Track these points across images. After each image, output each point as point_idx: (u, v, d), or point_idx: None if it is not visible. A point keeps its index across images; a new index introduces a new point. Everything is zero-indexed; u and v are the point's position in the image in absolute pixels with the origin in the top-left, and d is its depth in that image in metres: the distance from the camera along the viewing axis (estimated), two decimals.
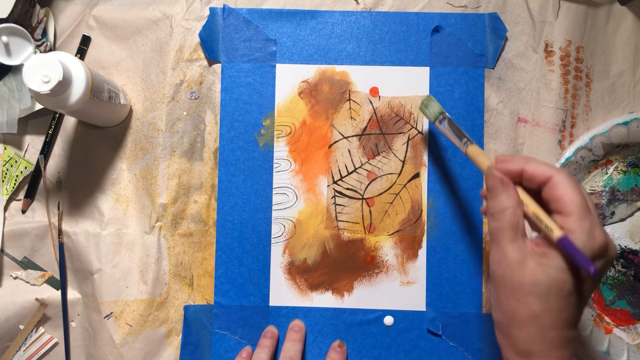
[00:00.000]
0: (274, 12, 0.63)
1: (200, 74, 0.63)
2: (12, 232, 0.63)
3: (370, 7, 0.63)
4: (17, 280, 0.63)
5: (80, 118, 0.60)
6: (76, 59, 0.53)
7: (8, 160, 0.63)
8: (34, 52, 0.51)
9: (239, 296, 0.62)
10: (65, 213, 0.63)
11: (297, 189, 0.62)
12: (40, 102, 0.52)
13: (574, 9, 0.62)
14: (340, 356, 0.60)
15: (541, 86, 0.63)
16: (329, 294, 0.62)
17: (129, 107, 0.63)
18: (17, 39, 0.49)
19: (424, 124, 0.62)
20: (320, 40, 0.63)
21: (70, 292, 0.62)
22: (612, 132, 0.60)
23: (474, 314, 0.61)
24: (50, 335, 0.62)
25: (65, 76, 0.49)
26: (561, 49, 0.62)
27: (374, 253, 0.62)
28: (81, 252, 0.62)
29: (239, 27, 0.63)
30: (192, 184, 0.63)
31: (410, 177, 0.62)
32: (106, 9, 0.64)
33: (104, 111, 0.59)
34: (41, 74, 0.48)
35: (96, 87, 0.54)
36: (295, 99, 0.63)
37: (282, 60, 0.63)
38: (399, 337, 0.61)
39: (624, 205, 0.62)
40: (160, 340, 0.62)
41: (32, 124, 0.64)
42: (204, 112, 0.63)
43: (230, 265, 0.62)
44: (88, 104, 0.53)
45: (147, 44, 0.64)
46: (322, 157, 0.62)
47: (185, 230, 0.63)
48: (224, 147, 0.62)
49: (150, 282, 0.62)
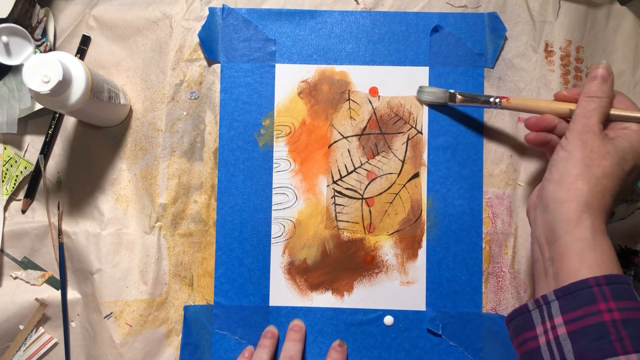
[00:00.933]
0: (273, 12, 0.63)
1: (200, 74, 0.63)
2: (12, 232, 0.63)
3: (370, 7, 0.63)
4: (17, 280, 0.63)
5: (80, 118, 0.61)
6: (76, 59, 0.53)
7: (8, 160, 0.63)
8: (34, 52, 0.51)
9: (239, 296, 0.62)
10: (65, 213, 0.63)
11: (296, 189, 0.62)
12: (40, 102, 0.52)
13: (574, 9, 0.62)
14: (340, 356, 0.60)
15: (541, 86, 0.62)
16: (329, 294, 0.62)
17: (129, 107, 0.63)
18: (17, 39, 0.49)
19: (423, 124, 0.62)
20: (319, 40, 0.63)
21: (70, 292, 0.62)
22: None
23: (474, 314, 0.61)
24: (50, 335, 0.62)
25: (65, 76, 0.49)
26: (561, 48, 0.62)
27: (373, 253, 0.62)
28: (81, 252, 0.62)
29: (239, 27, 0.63)
30: (192, 184, 0.63)
31: (410, 177, 0.62)
32: (106, 9, 0.64)
33: (104, 111, 0.59)
34: (41, 74, 0.48)
35: (96, 87, 0.54)
36: (295, 99, 0.63)
37: (281, 60, 0.63)
38: (399, 337, 0.61)
39: (624, 205, 0.62)
40: (160, 340, 0.62)
41: (32, 124, 0.64)
42: (203, 112, 0.63)
43: (230, 266, 0.62)
44: (88, 104, 0.53)
45: (147, 44, 0.64)
46: (321, 157, 0.62)
47: (185, 230, 0.63)
48: (224, 147, 0.62)
49: (150, 282, 0.62)
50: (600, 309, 0.42)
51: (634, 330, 0.41)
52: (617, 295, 0.42)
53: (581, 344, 0.42)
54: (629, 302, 0.42)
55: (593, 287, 0.43)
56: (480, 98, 0.58)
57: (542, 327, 0.45)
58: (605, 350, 0.41)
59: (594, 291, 0.43)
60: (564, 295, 0.44)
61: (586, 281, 0.43)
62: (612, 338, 0.41)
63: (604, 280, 0.43)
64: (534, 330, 0.45)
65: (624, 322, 0.41)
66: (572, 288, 0.44)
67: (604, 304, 0.42)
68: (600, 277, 0.43)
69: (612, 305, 0.42)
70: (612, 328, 0.41)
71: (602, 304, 0.42)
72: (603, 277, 0.43)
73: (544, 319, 0.45)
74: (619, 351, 0.40)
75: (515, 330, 0.47)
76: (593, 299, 0.43)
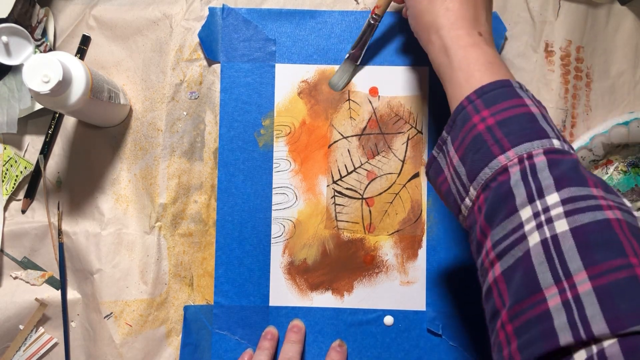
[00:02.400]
0: (273, 12, 0.63)
1: (200, 74, 0.63)
2: (12, 232, 0.63)
3: (370, 7, 0.63)
4: (17, 280, 0.63)
5: (80, 118, 0.61)
6: (76, 58, 0.53)
7: (8, 160, 0.63)
8: (34, 52, 0.51)
9: (238, 296, 0.62)
10: (65, 213, 0.63)
11: (296, 189, 0.62)
12: (40, 102, 0.52)
13: (574, 9, 0.62)
14: (340, 356, 0.60)
15: (541, 86, 0.62)
16: (329, 294, 0.62)
17: (129, 107, 0.63)
18: (17, 39, 0.49)
19: (423, 124, 0.62)
20: (319, 40, 0.63)
21: (70, 292, 0.62)
22: (612, 132, 0.60)
23: (474, 314, 0.61)
24: (50, 336, 0.62)
25: (65, 76, 0.49)
26: (561, 48, 0.62)
27: (373, 253, 0.62)
28: (81, 252, 0.62)
29: (239, 27, 0.63)
30: (192, 184, 0.63)
31: (410, 177, 0.62)
32: (106, 9, 0.64)
33: (104, 111, 0.59)
34: (41, 74, 0.48)
35: (96, 87, 0.54)
36: (295, 99, 0.63)
37: (281, 60, 0.63)
38: (399, 337, 0.61)
39: None
40: (160, 340, 0.62)
41: (32, 124, 0.64)
42: (203, 112, 0.63)
43: (230, 265, 0.62)
44: (88, 104, 0.53)
45: (147, 44, 0.64)
46: (321, 157, 0.62)
47: (185, 230, 0.63)
48: (224, 147, 0.62)
49: (150, 282, 0.62)
50: (474, 122, 0.42)
51: (509, 127, 0.41)
52: (489, 103, 0.42)
53: (468, 161, 0.42)
54: (504, 102, 0.42)
55: (466, 106, 0.43)
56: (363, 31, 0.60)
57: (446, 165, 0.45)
58: (485, 157, 0.41)
59: (467, 110, 0.43)
60: (450, 128, 0.45)
61: (460, 105, 0.44)
62: (489, 143, 0.41)
63: (475, 95, 0.43)
64: (443, 173, 0.46)
65: (499, 124, 0.41)
66: (454, 116, 0.44)
67: (477, 116, 0.42)
68: (471, 94, 0.43)
69: (485, 113, 0.42)
70: (487, 134, 0.41)
71: (475, 117, 0.42)
72: (473, 92, 0.43)
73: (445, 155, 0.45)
74: (496, 153, 0.40)
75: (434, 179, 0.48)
76: (467, 117, 0.43)
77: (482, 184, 0.41)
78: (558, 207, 0.36)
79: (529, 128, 0.40)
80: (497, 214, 0.39)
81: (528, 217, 0.37)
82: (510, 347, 0.36)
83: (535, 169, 0.38)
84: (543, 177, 0.38)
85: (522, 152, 0.39)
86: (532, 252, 0.36)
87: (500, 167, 0.40)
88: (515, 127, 0.40)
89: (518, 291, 0.36)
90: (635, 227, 0.36)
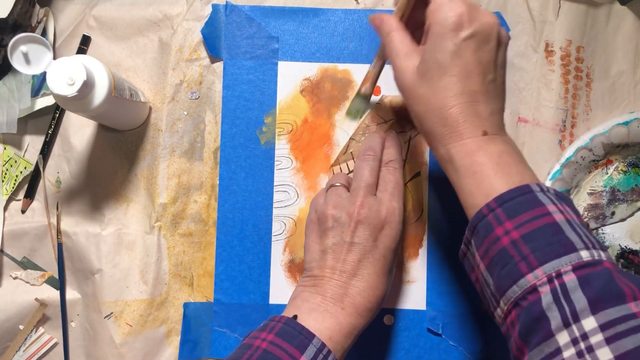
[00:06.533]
0: (276, 9, 0.63)
1: (200, 74, 0.63)
2: (12, 232, 0.62)
3: (370, 7, 0.64)
4: (16, 280, 0.62)
5: (104, 121, 0.60)
6: (94, 59, 0.53)
7: (8, 160, 0.63)
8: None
9: (239, 294, 0.61)
10: (65, 213, 0.63)
11: (298, 187, 0.62)
12: (67, 108, 0.52)
13: (575, 9, 0.63)
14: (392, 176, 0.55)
15: (541, 86, 0.63)
16: None
17: (149, 106, 0.63)
18: (35, 47, 0.49)
19: None
20: (322, 38, 0.63)
21: (70, 292, 0.62)
22: (612, 132, 0.60)
23: (474, 314, 0.61)
24: (50, 336, 0.62)
25: (88, 76, 0.49)
26: (561, 48, 0.63)
27: None
28: (81, 252, 0.62)
29: (242, 24, 0.63)
30: (192, 184, 0.63)
31: (411, 176, 0.62)
32: (106, 9, 0.64)
33: (127, 110, 0.59)
34: (65, 78, 0.48)
35: (118, 85, 0.54)
36: (297, 96, 0.63)
37: (284, 58, 0.63)
38: (399, 336, 0.61)
39: (624, 206, 0.62)
40: (160, 340, 0.62)
41: (32, 124, 0.64)
42: (203, 112, 0.63)
43: (231, 263, 0.62)
44: (113, 102, 0.53)
45: (147, 44, 0.64)
46: (323, 155, 0.62)
47: (185, 230, 0.62)
48: (225, 145, 0.62)
49: (151, 282, 0.61)
50: (497, 234, 0.41)
51: (535, 242, 0.39)
52: (512, 214, 0.41)
53: (495, 275, 0.41)
54: (527, 213, 0.40)
55: (487, 215, 0.42)
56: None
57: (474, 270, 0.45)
58: (513, 274, 0.39)
59: (488, 219, 0.42)
60: (472, 234, 0.44)
61: (480, 212, 0.42)
62: (516, 259, 0.39)
63: (495, 203, 0.41)
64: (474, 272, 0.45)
65: (524, 238, 0.40)
66: (474, 222, 0.43)
67: (500, 228, 0.41)
68: (490, 201, 0.42)
69: (508, 226, 0.40)
70: (513, 250, 0.40)
71: (498, 229, 0.41)
72: (493, 200, 0.42)
73: (472, 258, 0.45)
74: (524, 271, 0.39)
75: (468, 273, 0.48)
76: (490, 228, 0.41)
77: (512, 300, 0.40)
78: (597, 334, 0.35)
79: (555, 242, 0.39)
80: (532, 335, 0.38)
81: (566, 342, 0.36)
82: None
83: (567, 290, 0.37)
84: (576, 299, 0.36)
85: (550, 270, 0.38)
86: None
87: (529, 286, 0.38)
88: (542, 242, 0.39)
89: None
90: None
